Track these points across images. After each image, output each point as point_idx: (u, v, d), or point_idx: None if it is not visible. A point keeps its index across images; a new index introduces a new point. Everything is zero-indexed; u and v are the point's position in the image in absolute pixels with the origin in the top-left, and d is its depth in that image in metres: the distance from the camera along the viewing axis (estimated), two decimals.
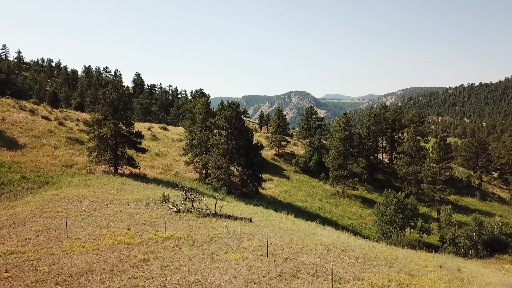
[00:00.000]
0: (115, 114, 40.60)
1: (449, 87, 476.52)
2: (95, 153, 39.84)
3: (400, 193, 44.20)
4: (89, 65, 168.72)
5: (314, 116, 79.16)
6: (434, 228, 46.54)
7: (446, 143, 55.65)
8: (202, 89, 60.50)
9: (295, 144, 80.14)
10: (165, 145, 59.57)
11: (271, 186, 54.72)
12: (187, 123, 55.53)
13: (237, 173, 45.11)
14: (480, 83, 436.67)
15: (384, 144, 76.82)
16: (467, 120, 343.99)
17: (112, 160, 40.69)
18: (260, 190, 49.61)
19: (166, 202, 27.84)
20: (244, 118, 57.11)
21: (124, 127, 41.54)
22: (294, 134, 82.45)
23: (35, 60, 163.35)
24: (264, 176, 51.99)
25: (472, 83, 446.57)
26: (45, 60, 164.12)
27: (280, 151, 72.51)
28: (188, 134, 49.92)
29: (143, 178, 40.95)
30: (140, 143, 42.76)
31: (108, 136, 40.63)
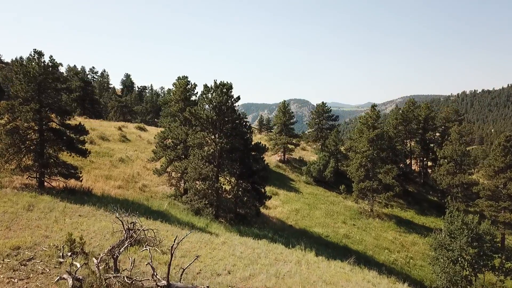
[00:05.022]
0: (39, 96, 26.21)
1: (451, 94, 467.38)
2: (4, 158, 25.37)
3: (471, 216, 29.80)
4: (74, 65, 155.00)
5: (326, 114, 64.81)
6: None
7: None
8: (186, 76, 46.18)
9: (303, 149, 65.85)
10: (136, 148, 45.15)
11: (277, 204, 40.27)
12: (166, 121, 40.86)
13: (228, 187, 30.67)
14: (483, 90, 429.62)
15: (412, 148, 62.52)
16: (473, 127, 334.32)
17: (36, 168, 26.31)
18: (263, 210, 35.23)
19: (72, 255, 13.35)
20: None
21: (55, 118, 27.22)
22: (302, 135, 67.98)
23: (14, 59, 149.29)
24: (267, 189, 37.76)
25: (474, 90, 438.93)
26: (24, 59, 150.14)
27: (286, 157, 58.14)
28: (160, 132, 35.54)
29: (83, 195, 26.52)
30: (83, 142, 28.36)
31: (30, 131, 26.34)
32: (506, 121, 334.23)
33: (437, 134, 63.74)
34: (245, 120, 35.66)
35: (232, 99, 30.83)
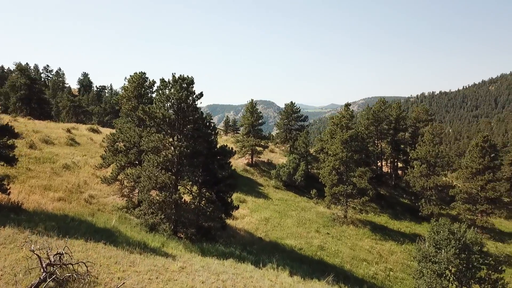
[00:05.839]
0: None
1: (411, 95, 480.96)
2: None
3: (458, 224, 27.38)
4: (27, 63, 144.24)
5: (295, 115, 61.91)
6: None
7: (491, 144, 40.02)
8: (143, 72, 41.47)
9: (272, 151, 62.63)
10: (85, 153, 40.10)
11: (245, 212, 36.60)
12: (120, 121, 35.96)
13: (189, 198, 26.69)
14: (440, 92, 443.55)
15: (382, 149, 60.73)
16: None
17: None
18: (229, 221, 31.42)
19: None
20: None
21: None
22: (270, 137, 64.64)
23: None
24: (234, 196, 34.10)
25: (432, 92, 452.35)
26: None
27: (254, 160, 54.61)
28: (110, 134, 30.95)
29: (10, 211, 21.63)
30: (11, 146, 23.39)
31: None
32: (462, 121, 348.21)
33: (407, 134, 62.36)
34: (209, 120, 31.73)
35: (194, 96, 26.89)
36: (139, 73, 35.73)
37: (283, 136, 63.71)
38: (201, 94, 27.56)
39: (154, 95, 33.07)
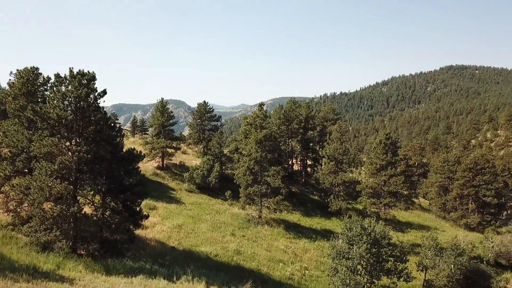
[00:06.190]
0: None
1: (315, 96, 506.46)
2: None
3: (369, 220, 28.59)
4: None
5: (208, 115, 60.39)
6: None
7: (392, 141, 42.99)
8: (36, 67, 36.21)
9: (184, 152, 60.25)
10: None
11: (156, 220, 34.17)
12: (6, 124, 30.74)
13: (91, 210, 23.70)
14: (341, 92, 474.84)
15: (293, 147, 62.30)
16: None
17: None
18: (138, 231, 28.81)
19: None
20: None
21: None
22: (184, 137, 62.20)
23: None
24: (144, 203, 31.49)
25: (334, 92, 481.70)
26: None
27: (164, 163, 51.76)
28: None
29: None
30: None
31: None
32: (360, 120, 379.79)
33: (316, 132, 64.83)
34: (114, 121, 28.81)
35: (96, 94, 23.92)
36: (30, 67, 31.18)
37: (196, 137, 61.92)
38: (104, 92, 24.71)
39: (48, 92, 29.17)
